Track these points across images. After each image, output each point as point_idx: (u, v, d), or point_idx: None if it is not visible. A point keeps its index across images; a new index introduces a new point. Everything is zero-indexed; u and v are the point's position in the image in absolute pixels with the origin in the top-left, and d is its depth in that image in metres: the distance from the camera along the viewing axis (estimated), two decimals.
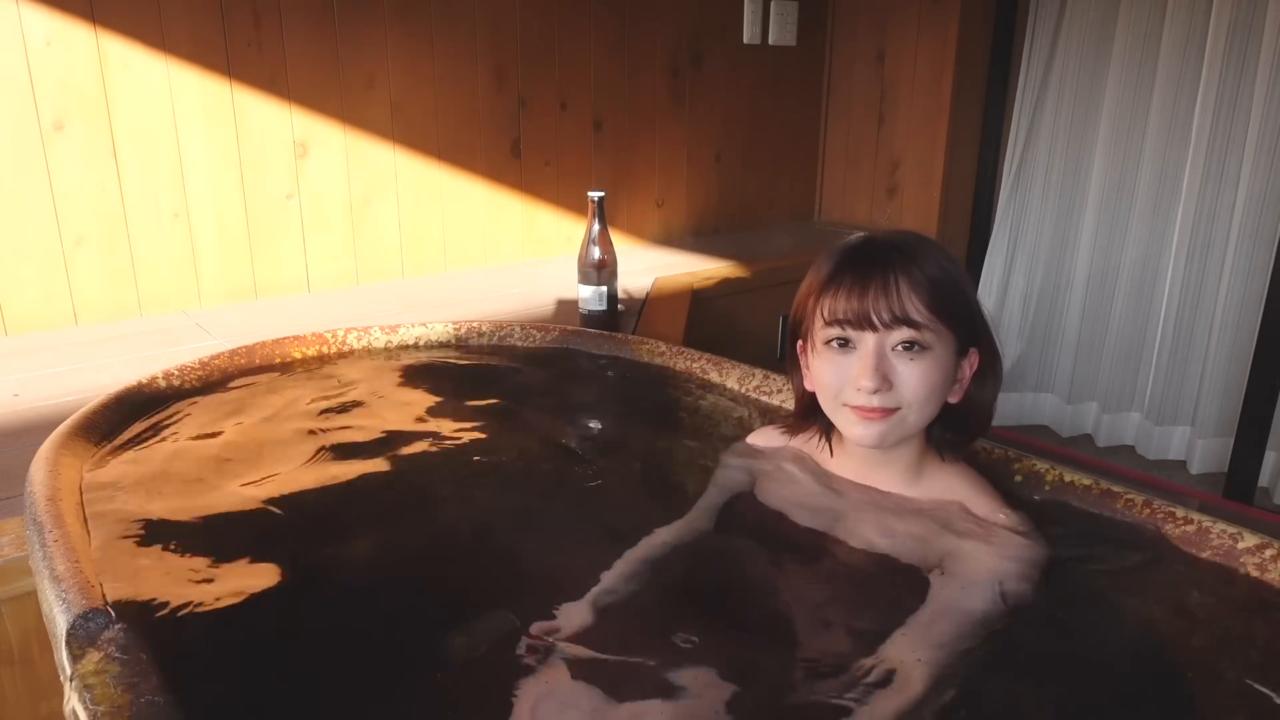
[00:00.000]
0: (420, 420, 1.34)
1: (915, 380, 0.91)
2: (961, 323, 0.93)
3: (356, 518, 1.09)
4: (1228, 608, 0.92)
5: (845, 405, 0.94)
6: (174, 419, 1.27)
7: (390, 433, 1.29)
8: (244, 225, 1.95)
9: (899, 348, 0.91)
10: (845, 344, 0.93)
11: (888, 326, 0.90)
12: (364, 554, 1.02)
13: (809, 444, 1.07)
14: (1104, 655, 0.86)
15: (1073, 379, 2.73)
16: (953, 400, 0.96)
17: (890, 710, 0.74)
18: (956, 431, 1.00)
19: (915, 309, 0.89)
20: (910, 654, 0.80)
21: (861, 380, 0.90)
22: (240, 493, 1.09)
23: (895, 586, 0.90)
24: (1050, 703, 0.82)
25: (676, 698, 0.75)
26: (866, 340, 0.91)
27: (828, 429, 1.03)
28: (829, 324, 0.93)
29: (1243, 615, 0.91)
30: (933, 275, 0.91)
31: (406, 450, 1.29)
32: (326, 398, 1.38)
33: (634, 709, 0.74)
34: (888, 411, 0.92)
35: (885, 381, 0.90)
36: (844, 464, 1.03)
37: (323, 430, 1.27)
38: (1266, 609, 0.90)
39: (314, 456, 1.21)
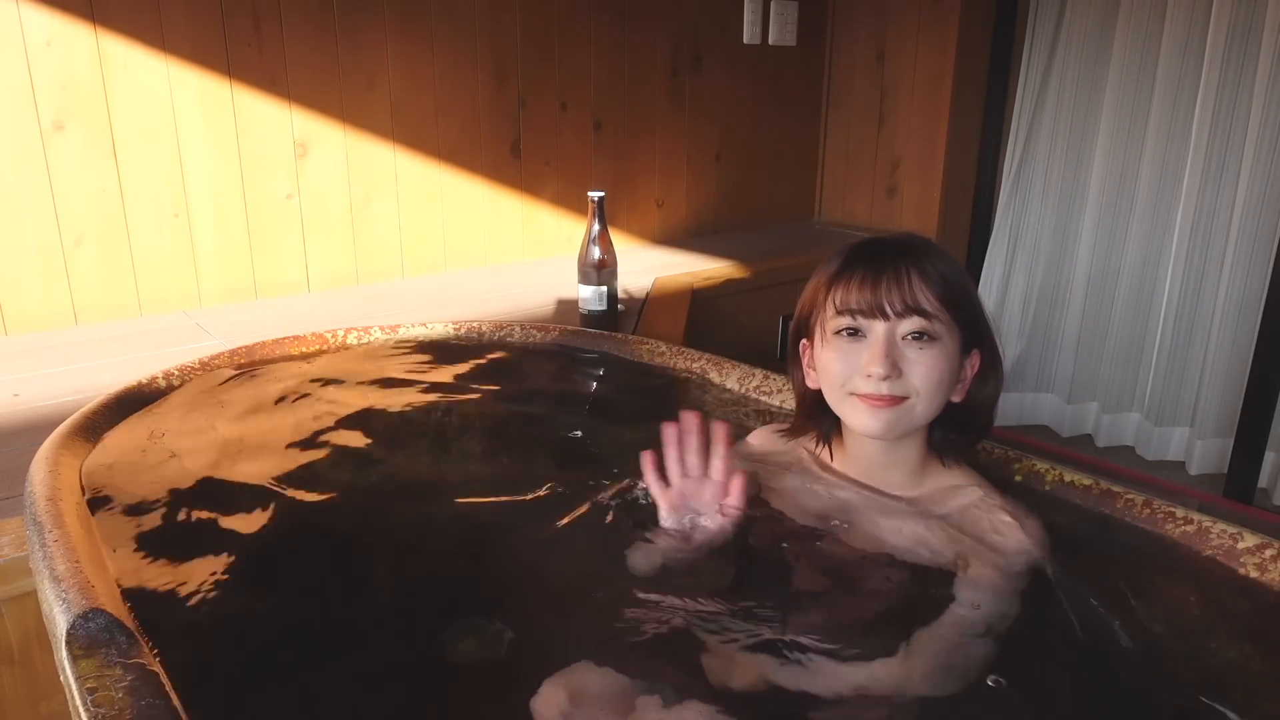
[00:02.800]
0: (420, 420, 1.34)
1: (924, 369, 0.92)
2: (967, 321, 0.95)
3: (357, 518, 1.10)
4: (1228, 607, 0.92)
5: (853, 394, 0.94)
6: (174, 419, 1.27)
7: (391, 434, 1.29)
8: (244, 225, 1.95)
9: (909, 337, 0.92)
10: (855, 333, 0.94)
11: (899, 315, 0.91)
12: (365, 554, 1.02)
13: (809, 447, 1.06)
14: (1104, 655, 0.86)
15: (1073, 379, 2.73)
16: (956, 399, 0.96)
17: (895, 709, 0.74)
18: (959, 433, 1.00)
19: (926, 299, 0.91)
20: (914, 655, 0.80)
21: (872, 366, 0.91)
22: (240, 493, 1.09)
23: (898, 589, 0.91)
24: (1051, 702, 0.82)
25: (681, 702, 0.75)
26: (877, 329, 0.92)
27: (829, 432, 1.03)
28: (840, 313, 0.94)
29: (1243, 615, 0.91)
30: (943, 271, 0.93)
31: (407, 451, 1.29)
32: (326, 398, 1.38)
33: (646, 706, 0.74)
34: (896, 400, 0.92)
35: (895, 369, 0.91)
36: (845, 467, 1.03)
37: (323, 431, 1.27)
38: (1266, 609, 0.90)
39: (314, 457, 1.21)
